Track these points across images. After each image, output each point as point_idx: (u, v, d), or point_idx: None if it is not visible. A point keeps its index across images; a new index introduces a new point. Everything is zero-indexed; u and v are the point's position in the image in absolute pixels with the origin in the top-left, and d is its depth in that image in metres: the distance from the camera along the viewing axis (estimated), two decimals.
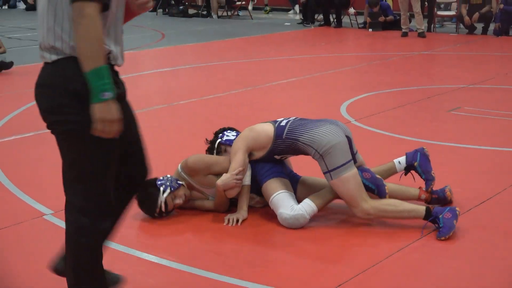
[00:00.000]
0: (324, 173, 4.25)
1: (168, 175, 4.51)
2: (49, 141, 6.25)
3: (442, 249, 4.00)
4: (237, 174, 4.30)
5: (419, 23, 14.18)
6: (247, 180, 4.42)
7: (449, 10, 15.66)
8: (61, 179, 5.16)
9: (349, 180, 4.17)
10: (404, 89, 8.84)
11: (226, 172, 4.34)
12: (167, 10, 21.36)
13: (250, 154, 4.44)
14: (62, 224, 4.27)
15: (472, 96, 8.30)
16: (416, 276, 3.71)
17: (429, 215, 4.15)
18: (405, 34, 14.37)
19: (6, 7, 25.14)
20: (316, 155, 4.24)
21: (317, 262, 3.87)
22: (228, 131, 4.79)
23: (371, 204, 4.17)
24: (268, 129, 4.44)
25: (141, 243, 4.18)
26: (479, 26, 14.64)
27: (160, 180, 4.43)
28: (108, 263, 3.69)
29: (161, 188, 4.39)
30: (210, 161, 4.52)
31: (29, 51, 12.85)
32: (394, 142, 6.24)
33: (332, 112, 7.43)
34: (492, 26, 14.46)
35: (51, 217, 4.55)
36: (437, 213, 4.14)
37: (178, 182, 4.47)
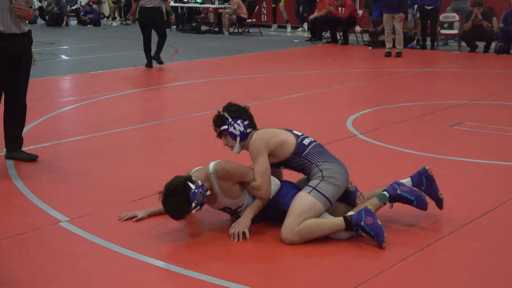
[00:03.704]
0: (309, 185, 4.33)
1: (200, 184, 4.28)
2: (65, 151, 6.57)
3: (442, 260, 4.08)
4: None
5: (399, 43, 14.27)
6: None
7: (452, 29, 15.92)
8: (76, 187, 5.48)
9: (313, 207, 4.24)
10: (407, 104, 9.00)
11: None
12: (180, 27, 21.70)
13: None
14: (77, 230, 4.53)
15: (473, 111, 8.45)
16: (418, 283, 3.77)
17: (349, 225, 4.19)
18: (388, 54, 14.40)
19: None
20: (319, 176, 4.35)
21: (325, 271, 3.92)
22: (239, 120, 4.55)
23: (295, 231, 4.18)
24: (291, 142, 4.43)
25: (152, 250, 4.19)
26: (481, 45, 14.93)
27: (194, 193, 4.23)
28: (120, 270, 3.92)
29: (193, 204, 4.24)
30: (245, 171, 4.35)
31: (47, 65, 13.11)
32: (398, 156, 6.40)
33: (338, 126, 7.64)
34: (493, 45, 14.76)
35: (67, 224, 4.66)
36: (358, 220, 4.17)
37: (207, 193, 4.31)
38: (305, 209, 4.23)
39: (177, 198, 4.23)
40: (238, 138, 4.53)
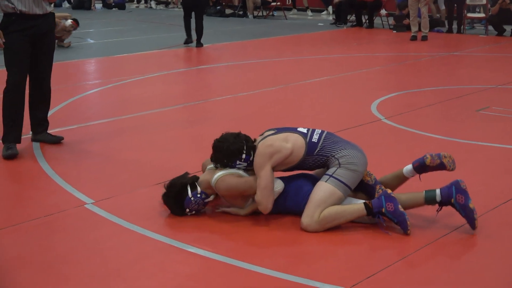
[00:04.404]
0: (326, 173, 4.30)
1: (199, 193, 4.42)
2: (91, 134, 6.64)
3: (466, 246, 4.08)
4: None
5: (425, 26, 14.15)
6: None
7: (479, 12, 15.75)
8: (101, 170, 5.58)
9: (333, 195, 4.21)
10: (433, 88, 8.94)
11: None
12: (205, 10, 21.65)
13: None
14: (102, 213, 4.58)
15: (500, 96, 8.38)
16: (442, 271, 3.74)
17: (370, 210, 4.18)
18: (413, 38, 14.25)
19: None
20: (336, 163, 4.31)
21: (346, 257, 3.93)
22: (237, 161, 4.44)
23: (316, 220, 4.18)
24: (299, 146, 4.36)
25: (176, 233, 4.24)
26: (508, 28, 14.75)
27: (188, 200, 4.40)
28: (147, 253, 3.97)
29: (187, 210, 4.44)
30: (244, 187, 4.37)
31: (73, 48, 13.19)
32: (423, 140, 6.37)
33: (363, 110, 7.61)
34: None
35: (92, 206, 4.70)
36: (379, 207, 4.15)
37: (206, 201, 4.45)
38: (324, 198, 4.21)
39: (172, 200, 4.46)
40: (247, 169, 4.51)
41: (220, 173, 4.41)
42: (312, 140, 4.38)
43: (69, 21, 13.11)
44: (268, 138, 4.42)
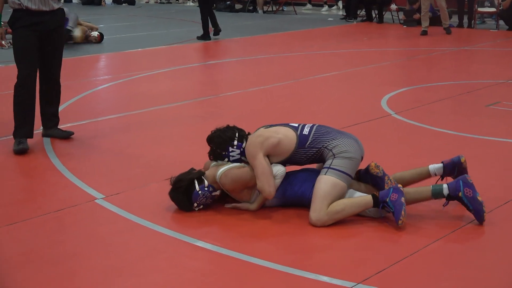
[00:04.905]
0: (324, 167, 4.34)
1: (206, 186, 4.46)
2: (101, 129, 6.66)
3: (476, 241, 4.08)
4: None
5: (445, 18, 14.10)
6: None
7: (489, 7, 15.66)
8: (111, 165, 5.59)
9: (336, 186, 4.24)
10: (443, 83, 8.91)
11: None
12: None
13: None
14: (112, 208, 4.60)
15: (511, 91, 8.32)
16: (450, 266, 3.74)
17: (377, 202, 4.21)
18: (424, 33, 14.13)
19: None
20: (330, 155, 4.36)
21: (355, 252, 3.92)
22: (230, 148, 4.55)
23: (324, 213, 4.19)
24: (290, 137, 4.43)
25: (186, 228, 4.25)
26: None
27: (196, 194, 4.43)
28: (156, 248, 3.99)
29: (195, 204, 4.46)
30: (246, 178, 4.42)
31: (82, 44, 13.17)
32: (433, 135, 6.36)
33: (373, 105, 7.59)
34: None
35: (102, 201, 4.72)
36: (384, 197, 4.18)
37: (213, 194, 4.48)
38: (328, 190, 4.23)
39: (180, 195, 4.49)
40: (241, 157, 4.58)
41: (223, 168, 4.47)
42: (303, 133, 4.46)
43: (96, 33, 13.24)
44: (258, 130, 4.56)
